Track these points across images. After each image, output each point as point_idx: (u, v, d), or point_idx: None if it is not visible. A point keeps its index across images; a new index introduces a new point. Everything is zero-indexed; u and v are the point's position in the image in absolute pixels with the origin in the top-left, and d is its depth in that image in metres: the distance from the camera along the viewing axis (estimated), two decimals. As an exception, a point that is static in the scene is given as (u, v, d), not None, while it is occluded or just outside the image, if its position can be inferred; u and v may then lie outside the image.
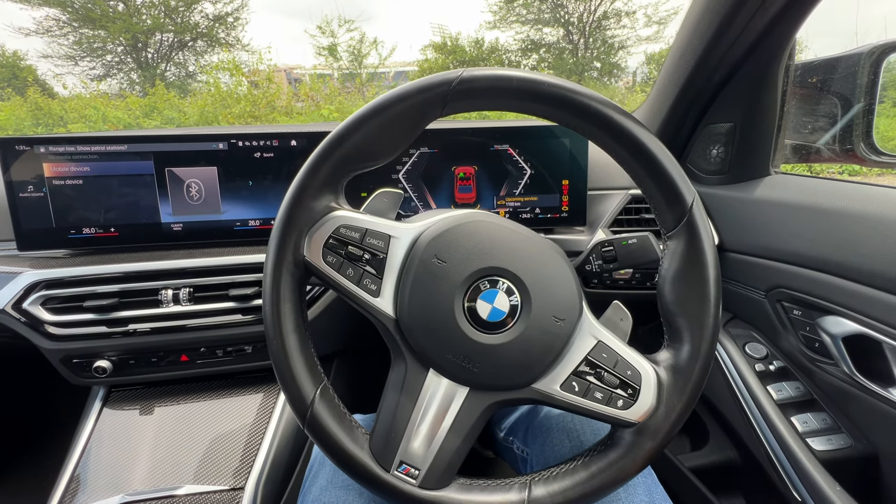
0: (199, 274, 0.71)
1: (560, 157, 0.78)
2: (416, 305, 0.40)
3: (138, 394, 0.76)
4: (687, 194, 0.40)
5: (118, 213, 0.73)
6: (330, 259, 0.41)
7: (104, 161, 0.71)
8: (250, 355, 0.75)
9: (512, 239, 0.42)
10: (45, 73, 12.53)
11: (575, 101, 0.40)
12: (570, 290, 0.41)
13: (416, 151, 0.77)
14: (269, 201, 0.76)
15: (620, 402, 0.40)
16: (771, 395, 0.62)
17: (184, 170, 0.73)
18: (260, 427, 0.72)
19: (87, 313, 0.68)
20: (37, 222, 0.71)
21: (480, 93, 0.40)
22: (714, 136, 0.72)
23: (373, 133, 0.41)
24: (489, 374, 0.40)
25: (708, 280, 0.40)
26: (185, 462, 0.67)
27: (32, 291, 0.68)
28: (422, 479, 0.39)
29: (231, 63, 8.55)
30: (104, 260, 0.71)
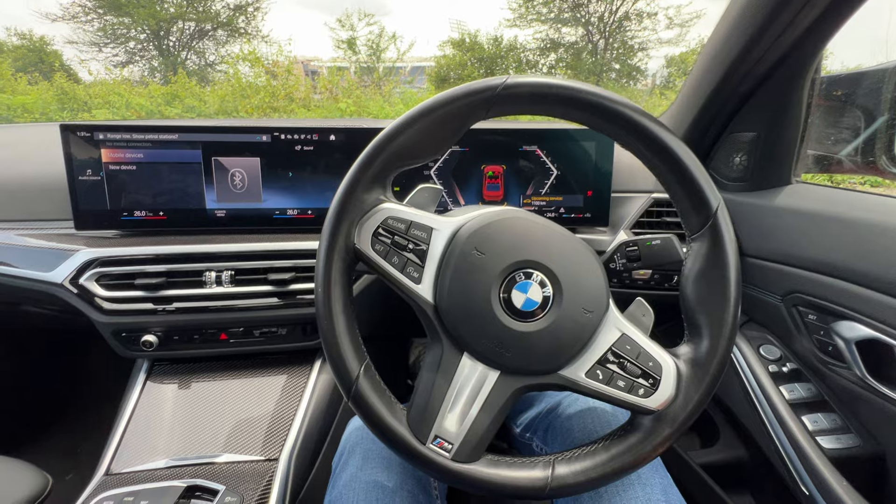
0: (241, 258, 0.76)
1: (586, 159, 0.81)
2: (455, 293, 0.43)
3: (179, 368, 0.81)
4: (713, 199, 0.43)
5: (167, 199, 0.78)
6: (378, 247, 0.44)
7: (156, 149, 0.76)
8: (284, 337, 0.80)
9: (546, 235, 0.45)
10: (71, 59, 12.78)
11: (609, 109, 0.43)
12: (599, 284, 0.44)
13: (448, 150, 0.80)
14: (307, 192, 0.80)
15: (641, 390, 0.43)
16: (783, 394, 0.65)
17: (229, 159, 0.78)
18: (292, 404, 0.76)
19: (137, 290, 0.73)
20: (93, 204, 0.76)
21: (523, 98, 0.44)
22: (737, 144, 0.74)
23: (420, 133, 0.44)
24: (520, 360, 0.43)
25: (729, 281, 0.43)
26: (222, 433, 0.72)
27: (88, 268, 0.73)
28: (454, 453, 0.43)
29: (251, 54, 8.65)
30: (153, 242, 0.76)
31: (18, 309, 0.92)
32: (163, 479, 0.64)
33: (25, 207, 0.80)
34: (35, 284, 0.74)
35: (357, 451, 0.59)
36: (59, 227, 0.78)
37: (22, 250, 0.76)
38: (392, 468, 0.56)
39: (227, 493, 0.62)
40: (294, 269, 0.76)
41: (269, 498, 0.63)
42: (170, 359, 0.82)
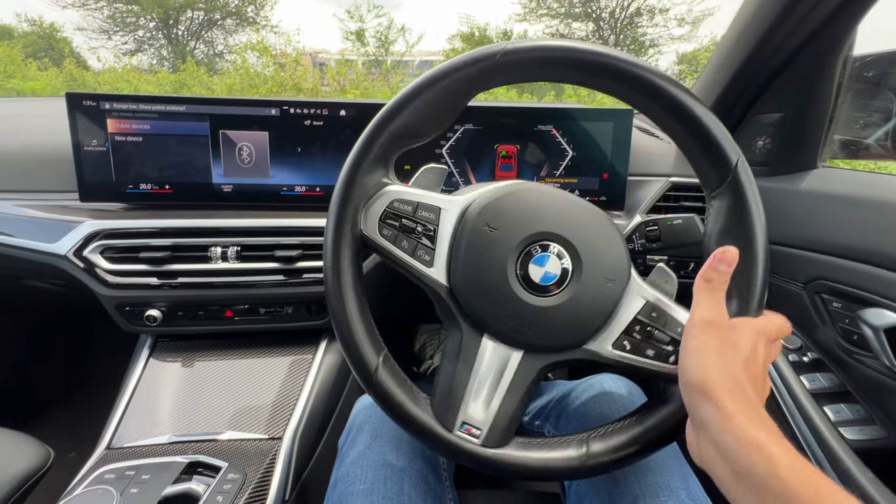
0: (247, 234, 0.74)
1: (603, 140, 0.79)
2: (470, 273, 0.41)
3: (183, 345, 0.80)
4: (732, 153, 0.40)
5: (173, 172, 0.76)
6: (385, 232, 0.42)
7: (163, 120, 0.74)
8: (290, 315, 0.78)
9: (560, 205, 0.43)
10: (80, 46, 12.82)
11: (615, 67, 0.40)
12: (619, 251, 0.42)
13: (461, 128, 0.78)
14: (315, 168, 0.78)
15: (672, 357, 0.41)
16: (804, 384, 0.63)
17: (237, 133, 0.76)
18: (297, 383, 0.75)
19: (142, 264, 0.72)
20: (98, 175, 0.75)
21: (523, 64, 0.41)
22: (762, 126, 0.72)
23: (421, 109, 0.42)
24: (543, 336, 0.41)
25: (755, 236, 0.40)
26: (225, 411, 0.71)
27: (92, 240, 0.72)
28: (484, 438, 0.41)
29: (260, 43, 8.63)
30: (158, 215, 0.74)
31: (22, 283, 0.91)
32: (165, 455, 0.63)
33: (29, 178, 0.79)
34: (39, 256, 0.73)
35: (365, 430, 0.58)
36: (63, 199, 0.77)
37: (25, 221, 0.75)
38: (401, 447, 0.55)
39: (229, 470, 0.61)
40: (301, 247, 0.74)
41: (272, 476, 0.62)
42: (173, 335, 0.81)
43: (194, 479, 0.60)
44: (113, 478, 0.59)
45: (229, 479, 0.60)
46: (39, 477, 0.64)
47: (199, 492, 0.57)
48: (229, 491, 0.58)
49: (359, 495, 0.50)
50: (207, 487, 0.58)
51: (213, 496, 0.57)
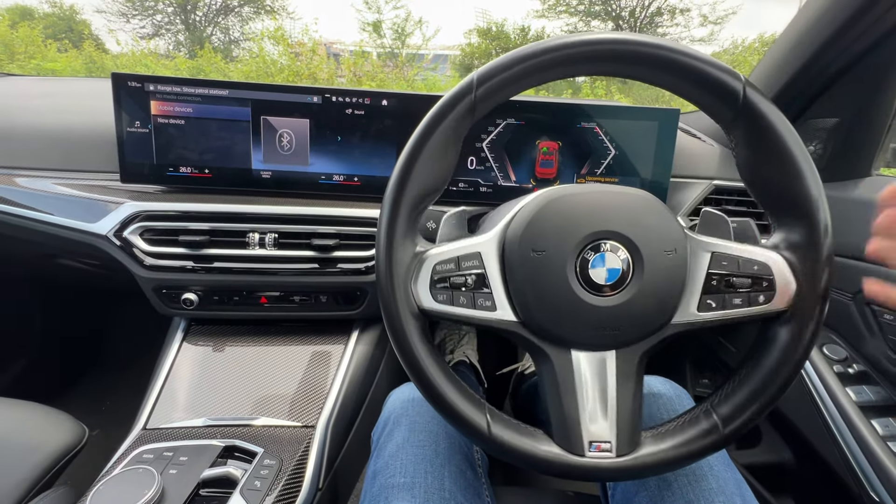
0: (285, 221, 0.74)
1: (647, 140, 0.77)
2: (535, 300, 0.41)
3: (216, 330, 0.80)
4: (733, 77, 0.39)
5: (213, 156, 0.76)
6: (440, 297, 0.42)
7: (206, 104, 0.74)
8: (323, 304, 0.78)
9: (590, 201, 0.42)
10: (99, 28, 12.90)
11: (592, 52, 0.39)
12: (666, 218, 0.42)
13: (503, 122, 0.77)
14: (354, 158, 0.78)
15: (761, 297, 0.40)
16: (850, 396, 0.61)
17: (278, 119, 0.75)
18: (329, 373, 0.75)
19: (180, 247, 0.72)
20: (140, 157, 0.75)
21: (503, 85, 0.41)
22: (814, 131, 0.70)
23: (423, 169, 0.42)
24: (629, 331, 0.41)
25: (792, 152, 0.38)
26: (258, 397, 0.71)
27: (132, 222, 0.72)
28: (616, 449, 0.41)
29: (277, 30, 8.63)
30: (198, 199, 0.74)
31: (55, 262, 0.92)
32: (200, 438, 0.64)
33: (70, 157, 0.79)
34: (79, 235, 0.73)
35: (403, 423, 0.57)
36: (103, 179, 0.77)
37: (66, 200, 0.75)
38: (439, 442, 0.55)
39: (265, 456, 0.61)
40: (338, 236, 0.74)
41: (306, 464, 0.62)
42: (207, 320, 0.81)
43: (231, 464, 0.60)
44: (152, 458, 0.59)
45: (266, 464, 0.60)
46: (76, 453, 0.65)
47: (236, 476, 0.57)
48: (266, 477, 0.58)
49: (400, 488, 0.49)
50: (245, 472, 0.58)
51: (251, 481, 0.57)
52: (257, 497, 0.55)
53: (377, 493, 0.50)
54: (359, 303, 0.79)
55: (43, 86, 0.99)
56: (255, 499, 0.55)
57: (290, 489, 0.58)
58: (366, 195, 0.77)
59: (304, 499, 0.59)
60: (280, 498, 0.56)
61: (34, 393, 0.92)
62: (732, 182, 0.79)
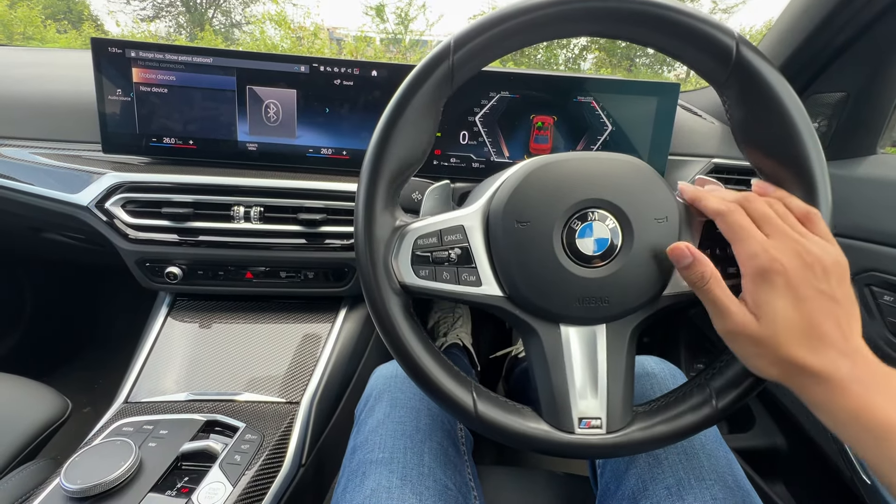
0: (271, 194, 0.72)
1: (645, 116, 0.75)
2: (521, 273, 0.39)
3: (202, 305, 0.79)
4: (725, 34, 0.36)
5: (197, 127, 0.74)
6: (423, 273, 0.40)
7: (189, 72, 0.72)
8: (311, 281, 0.77)
9: (577, 168, 0.40)
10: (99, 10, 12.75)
11: (575, 11, 0.37)
12: (657, 185, 0.40)
13: (496, 95, 0.75)
14: (343, 130, 0.76)
15: None
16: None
17: (264, 89, 0.73)
18: (315, 349, 0.74)
19: (163, 220, 0.71)
20: (122, 127, 0.73)
21: (482, 48, 0.38)
22: (819, 106, 0.67)
23: (401, 139, 0.39)
24: (620, 303, 0.39)
25: (788, 109, 0.36)
26: (243, 373, 0.70)
27: (114, 193, 0.70)
28: (606, 426, 0.39)
29: (279, 14, 8.51)
30: (181, 171, 0.72)
31: (41, 236, 0.90)
32: (182, 412, 0.63)
33: (51, 127, 0.77)
34: (60, 206, 0.71)
35: (384, 398, 0.56)
36: (85, 149, 0.75)
37: (46, 170, 0.73)
38: (420, 417, 0.54)
39: (247, 431, 0.60)
40: (325, 210, 0.72)
41: (289, 439, 0.61)
42: (192, 294, 0.80)
43: (212, 437, 0.59)
44: (131, 430, 0.58)
45: (247, 439, 0.59)
46: (58, 426, 0.65)
47: (216, 450, 0.56)
48: (247, 451, 0.57)
49: (378, 463, 0.48)
50: (225, 446, 0.57)
51: (230, 455, 0.56)
52: (237, 471, 0.54)
53: (355, 468, 0.49)
54: (346, 279, 0.77)
55: (27, 56, 0.97)
56: (235, 473, 0.54)
57: (271, 464, 0.57)
58: (354, 169, 0.75)
59: (285, 474, 0.58)
60: (260, 472, 0.55)
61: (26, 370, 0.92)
62: (733, 160, 0.76)
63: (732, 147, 0.79)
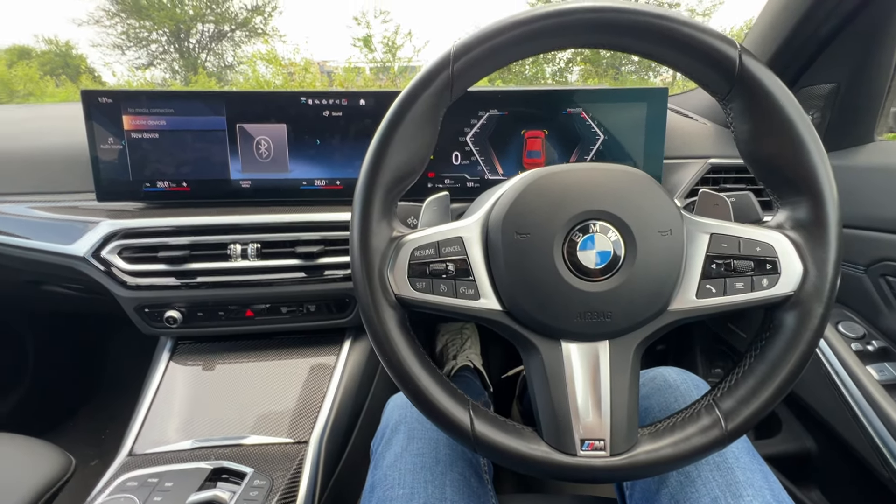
0: (267, 230, 0.71)
1: (636, 122, 0.75)
2: (520, 287, 0.38)
3: (204, 347, 0.77)
4: (729, 46, 0.36)
5: (190, 168, 0.74)
6: (419, 285, 0.39)
7: (180, 116, 0.72)
8: (313, 314, 0.76)
9: (578, 179, 0.39)
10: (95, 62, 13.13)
11: (576, 21, 0.36)
12: (660, 196, 0.38)
13: (485, 114, 0.75)
14: (335, 161, 0.75)
15: (765, 281, 0.37)
16: (872, 374, 0.58)
17: (254, 126, 0.73)
18: (322, 384, 0.72)
19: (160, 264, 0.70)
20: (115, 174, 0.73)
21: (482, 57, 0.38)
22: (811, 98, 0.67)
23: (399, 148, 0.39)
24: (623, 318, 0.38)
25: (792, 120, 0.35)
26: (249, 415, 0.68)
27: (110, 241, 0.70)
28: (610, 448, 0.37)
29: (269, 53, 8.73)
30: (176, 213, 0.72)
31: (41, 289, 0.90)
32: (188, 461, 0.61)
33: (47, 180, 0.77)
34: (57, 258, 0.71)
35: (401, 430, 0.54)
36: (80, 199, 0.75)
37: (42, 224, 0.73)
38: (440, 448, 0.52)
39: (255, 476, 0.58)
40: (322, 242, 0.71)
41: (299, 481, 0.59)
42: (194, 337, 0.78)
43: (219, 486, 0.57)
44: (136, 486, 0.56)
45: (255, 485, 0.57)
46: (61, 486, 0.62)
47: (224, 499, 0.54)
48: (256, 498, 0.55)
49: (399, 500, 0.46)
50: (233, 495, 0.55)
51: (240, 503, 0.54)
52: (246, 520, 0.52)
53: None
54: (348, 310, 0.76)
55: (21, 112, 0.98)
56: (245, 522, 0.52)
57: (282, 510, 0.55)
58: (349, 198, 0.74)
59: (297, 519, 0.55)
60: (271, 520, 0.53)
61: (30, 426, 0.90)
62: (729, 159, 0.76)
63: (727, 146, 0.78)
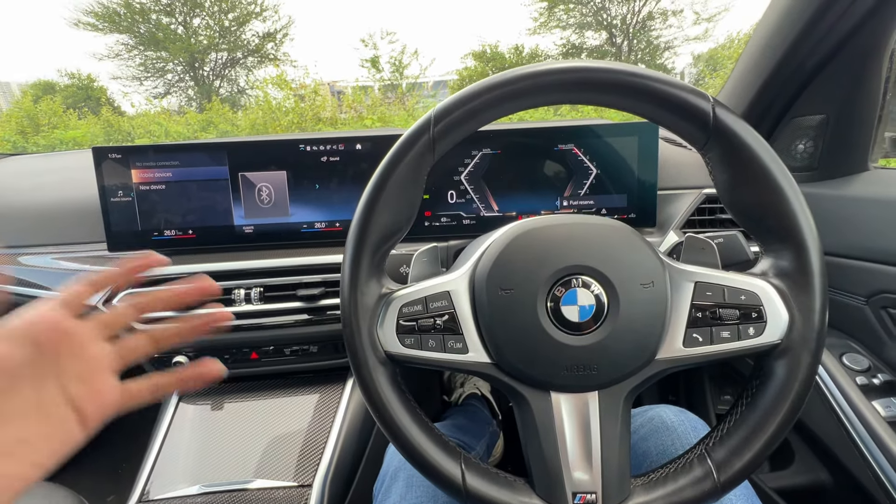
0: (269, 274, 0.73)
1: (628, 155, 0.75)
2: (507, 340, 0.39)
3: (211, 390, 0.79)
4: (702, 99, 0.37)
5: (196, 216, 0.77)
6: (408, 341, 0.40)
7: (184, 167, 0.75)
8: (315, 354, 0.77)
9: (559, 234, 0.40)
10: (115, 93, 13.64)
11: (549, 82, 0.38)
12: (641, 248, 0.39)
13: (478, 153, 0.76)
14: (334, 204, 0.78)
15: (751, 329, 0.37)
16: (878, 411, 0.56)
17: (255, 174, 0.76)
18: (325, 425, 0.73)
19: (168, 311, 0.72)
20: (125, 225, 0.76)
21: (462, 119, 0.39)
22: (801, 129, 0.67)
23: (385, 210, 0.40)
24: (610, 370, 0.38)
25: (768, 168, 0.36)
26: (255, 458, 0.69)
27: (120, 290, 0.72)
28: (602, 500, 0.38)
29: (279, 77, 8.96)
30: (182, 260, 0.75)
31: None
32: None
33: (62, 231, 0.81)
34: (71, 307, 0.74)
35: (400, 477, 0.55)
36: (93, 250, 0.79)
37: (57, 274, 0.76)
38: (438, 497, 0.52)
39: (260, 523, 0.59)
40: (323, 284, 0.73)
41: (303, 528, 0.60)
42: (202, 380, 0.80)
43: (225, 534, 0.58)
44: (144, 534, 0.58)
45: (260, 533, 0.58)
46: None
47: (229, 548, 0.55)
48: (260, 546, 0.56)
49: None
50: (238, 543, 0.56)
51: (243, 553, 0.55)
52: (250, 570, 0.53)
53: None
54: (351, 349, 0.77)
55: (37, 163, 1.03)
56: (248, 572, 0.52)
57: (285, 558, 0.56)
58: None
59: (300, 567, 0.56)
60: (274, 569, 0.54)
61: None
62: (724, 189, 0.75)
63: (722, 175, 0.78)
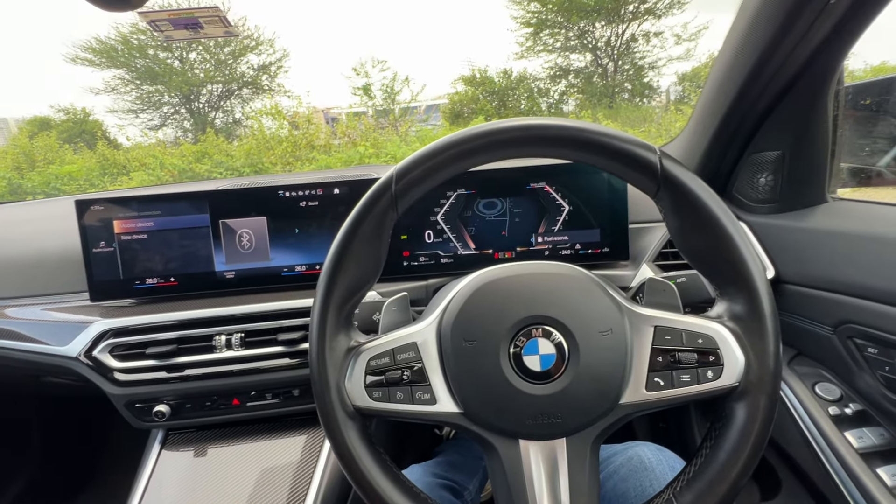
0: (250, 320, 0.74)
1: (599, 191, 0.77)
2: (474, 392, 0.40)
3: (193, 436, 0.79)
4: (649, 152, 0.39)
5: (177, 264, 0.78)
6: (376, 394, 0.41)
7: (166, 216, 0.77)
8: (297, 398, 0.77)
9: (519, 284, 0.42)
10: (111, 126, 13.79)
11: (504, 139, 0.40)
12: (599, 296, 0.40)
13: (453, 193, 0.78)
14: (313, 247, 0.79)
15: (710, 372, 0.38)
16: (850, 442, 0.57)
17: (236, 221, 0.78)
18: (308, 469, 0.72)
19: (149, 360, 0.73)
20: (107, 274, 0.77)
21: (422, 177, 0.41)
22: (760, 164, 0.70)
23: (351, 266, 0.42)
24: (574, 418, 0.39)
25: (716, 216, 0.38)
26: (238, 503, 0.69)
27: (102, 339, 0.73)
28: None
29: (273, 108, 9.11)
30: (164, 308, 0.76)
31: (41, 380, 0.93)
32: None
33: (45, 282, 0.82)
34: (51, 359, 0.74)
35: None
36: (77, 300, 0.79)
37: (40, 325, 0.77)
38: None
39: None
40: (304, 328, 0.74)
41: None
42: (184, 427, 0.80)
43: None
44: None
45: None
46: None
47: None
48: None
49: None
50: None
51: None
52: None
53: None
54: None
55: (19, 212, 1.05)
56: None
57: None
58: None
59: None
60: None
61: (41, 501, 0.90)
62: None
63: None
